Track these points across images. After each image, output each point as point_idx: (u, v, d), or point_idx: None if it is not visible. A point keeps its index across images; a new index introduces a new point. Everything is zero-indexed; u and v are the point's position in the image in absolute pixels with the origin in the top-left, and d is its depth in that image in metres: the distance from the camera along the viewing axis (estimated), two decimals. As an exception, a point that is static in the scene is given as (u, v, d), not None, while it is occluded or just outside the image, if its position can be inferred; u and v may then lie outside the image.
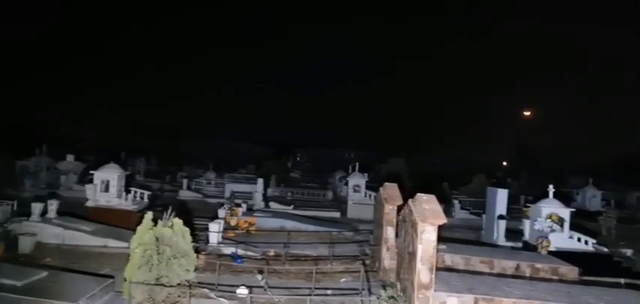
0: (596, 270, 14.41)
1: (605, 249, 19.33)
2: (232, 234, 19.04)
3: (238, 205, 23.32)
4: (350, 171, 32.98)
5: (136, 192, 22.70)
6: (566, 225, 18.70)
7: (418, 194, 10.85)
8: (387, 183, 15.78)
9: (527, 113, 60.97)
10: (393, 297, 10.84)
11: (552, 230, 18.28)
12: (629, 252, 20.13)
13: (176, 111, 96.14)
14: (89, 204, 21.05)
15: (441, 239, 10.86)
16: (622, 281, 14.02)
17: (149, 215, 11.34)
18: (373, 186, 27.89)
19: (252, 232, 20.11)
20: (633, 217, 33.97)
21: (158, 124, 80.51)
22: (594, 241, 19.09)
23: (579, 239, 18.80)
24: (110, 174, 21.18)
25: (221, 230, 17.89)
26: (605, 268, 15.88)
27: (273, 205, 28.96)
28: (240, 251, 16.48)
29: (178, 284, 10.98)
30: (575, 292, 10.97)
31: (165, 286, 10.72)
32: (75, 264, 14.28)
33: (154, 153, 51.00)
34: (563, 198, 21.82)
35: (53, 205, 18.15)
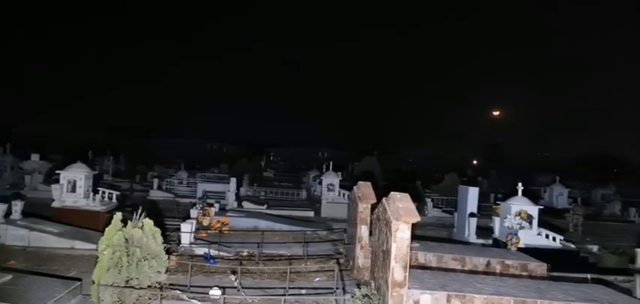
0: (564, 266, 14.77)
1: (572, 245, 19.89)
2: (205, 234, 18.76)
3: (211, 205, 23.03)
4: (324, 169, 33.02)
5: (104, 192, 22.11)
6: (535, 222, 19.07)
7: (392, 192, 10.90)
8: (360, 182, 15.79)
9: (496, 112, 62.33)
10: (367, 295, 10.86)
11: (521, 228, 18.61)
12: (594, 248, 20.68)
13: (147, 108, 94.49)
14: (55, 204, 20.39)
15: (414, 237, 10.92)
16: (588, 276, 14.43)
17: (118, 215, 11.05)
18: (347, 184, 28.02)
19: (225, 232, 19.87)
20: (599, 214, 35.09)
21: (127, 122, 79.04)
22: (562, 237, 19.58)
23: (547, 236, 19.25)
24: (77, 174, 20.58)
25: (193, 230, 17.63)
26: (573, 264, 16.32)
27: (247, 205, 28.74)
28: (213, 252, 16.26)
29: (149, 286, 10.73)
30: (544, 287, 11.19)
31: (136, 288, 10.46)
32: (41, 267, 13.83)
33: (122, 152, 49.92)
34: (532, 195, 22.27)
35: (18, 206, 17.56)
